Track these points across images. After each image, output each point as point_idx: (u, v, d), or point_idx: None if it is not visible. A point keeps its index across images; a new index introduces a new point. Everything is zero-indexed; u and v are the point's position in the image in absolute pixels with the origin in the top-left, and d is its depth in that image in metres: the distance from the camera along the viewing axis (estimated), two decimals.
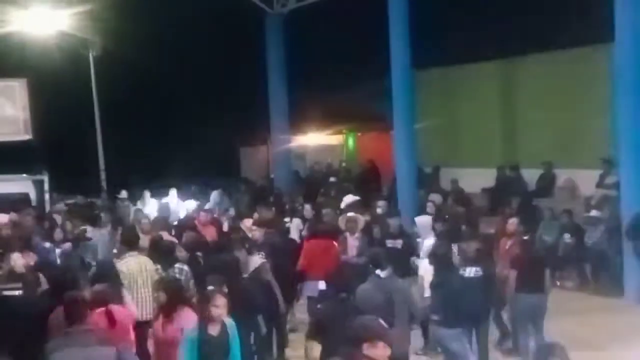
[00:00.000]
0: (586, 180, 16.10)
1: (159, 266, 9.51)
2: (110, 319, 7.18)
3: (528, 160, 17.87)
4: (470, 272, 8.90)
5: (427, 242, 11.01)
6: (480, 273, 8.91)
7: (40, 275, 8.90)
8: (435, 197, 16.30)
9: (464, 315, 8.27)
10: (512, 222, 10.82)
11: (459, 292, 8.30)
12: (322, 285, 11.17)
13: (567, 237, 14.15)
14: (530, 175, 17.74)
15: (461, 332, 8.31)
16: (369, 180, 20.88)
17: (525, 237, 10.70)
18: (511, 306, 9.76)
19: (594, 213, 14.05)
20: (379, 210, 13.68)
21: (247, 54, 23.18)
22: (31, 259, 10.67)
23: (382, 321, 5.28)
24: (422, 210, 14.89)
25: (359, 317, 5.35)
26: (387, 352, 4.94)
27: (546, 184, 17.39)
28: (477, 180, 18.35)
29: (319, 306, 8.99)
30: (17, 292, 8.48)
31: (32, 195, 18.63)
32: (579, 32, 15.86)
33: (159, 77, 24.25)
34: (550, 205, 15.53)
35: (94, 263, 11.17)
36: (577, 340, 9.29)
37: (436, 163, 20.08)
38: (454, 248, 9.52)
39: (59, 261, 11.78)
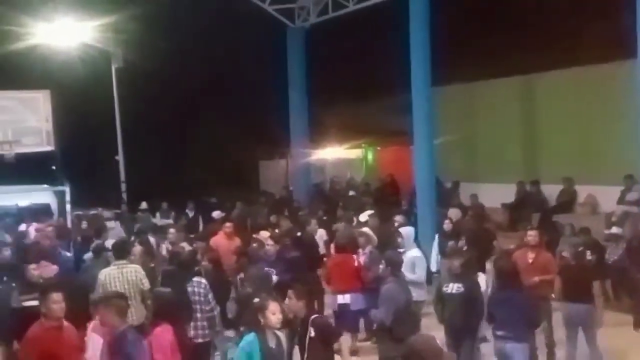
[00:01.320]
0: (607, 197, 16.01)
1: (143, 279, 9.82)
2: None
3: (549, 176, 17.81)
4: (453, 288, 8.95)
5: (410, 254, 11.23)
6: (462, 290, 8.92)
7: None
8: (454, 212, 16.30)
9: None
10: (534, 234, 10.77)
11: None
12: (341, 299, 11.22)
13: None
14: (551, 191, 17.67)
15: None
16: (388, 194, 20.89)
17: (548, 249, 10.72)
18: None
19: (614, 230, 13.92)
20: (396, 225, 13.66)
21: (268, 68, 23.29)
22: (51, 270, 10.82)
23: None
24: (440, 225, 14.95)
25: (420, 338, 5.06)
26: None
27: (567, 200, 17.31)
28: (497, 195, 18.29)
29: None
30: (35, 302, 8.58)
31: (54, 206, 18.80)
32: (601, 49, 15.83)
33: (180, 89, 24.45)
34: (570, 222, 15.45)
35: None
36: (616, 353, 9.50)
37: (456, 178, 20.04)
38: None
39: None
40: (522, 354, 8.45)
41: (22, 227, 15.65)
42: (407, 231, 12.17)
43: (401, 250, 11.23)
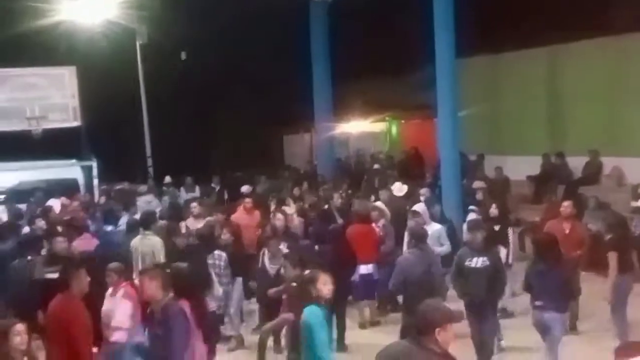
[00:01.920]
0: (633, 169, 15.89)
1: (158, 252, 10.18)
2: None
3: (574, 148, 17.69)
4: (477, 262, 8.92)
5: (433, 227, 11.31)
6: (488, 263, 8.90)
7: None
8: (479, 185, 16.26)
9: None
10: (567, 205, 10.77)
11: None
12: (364, 269, 11.29)
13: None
14: (576, 163, 17.57)
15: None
16: (412, 167, 20.85)
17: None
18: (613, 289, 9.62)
19: None
20: (421, 198, 13.68)
21: (292, 42, 23.24)
22: (90, 244, 11.02)
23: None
24: (466, 198, 14.98)
25: (426, 303, 5.16)
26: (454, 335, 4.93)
27: (592, 172, 17.21)
28: (522, 167, 18.22)
29: None
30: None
31: (81, 181, 19.02)
32: (629, 18, 15.62)
33: (204, 65, 24.49)
34: (596, 194, 15.36)
35: None
36: None
37: (480, 150, 19.96)
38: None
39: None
40: (560, 324, 8.50)
41: (50, 201, 15.87)
42: (421, 207, 12.16)
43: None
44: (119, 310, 7.83)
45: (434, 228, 11.33)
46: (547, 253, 8.61)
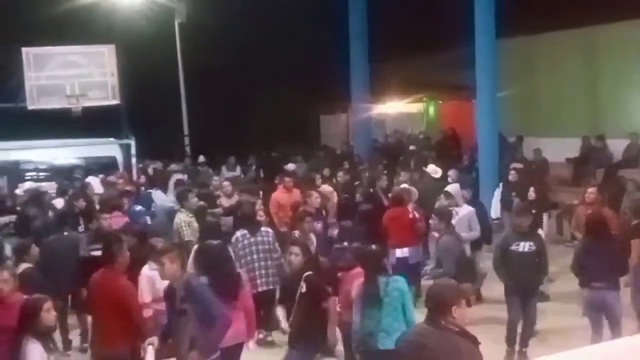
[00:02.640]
0: None
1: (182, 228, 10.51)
2: None
3: (615, 130, 17.43)
4: (525, 246, 8.81)
5: (463, 211, 11.14)
6: (534, 248, 8.82)
7: None
8: (518, 167, 16.13)
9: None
10: (592, 192, 10.80)
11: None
12: (399, 253, 11.25)
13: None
14: (617, 146, 17.32)
15: None
16: (449, 148, 20.70)
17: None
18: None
19: None
20: (449, 180, 13.58)
21: (329, 22, 23.17)
22: (121, 221, 11.17)
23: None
24: (503, 180, 14.87)
25: (436, 283, 5.33)
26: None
27: (633, 155, 16.95)
28: (561, 149, 18.01)
29: None
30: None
31: (119, 159, 19.22)
32: None
33: (241, 44, 24.54)
34: (635, 177, 15.13)
35: None
36: None
37: (519, 132, 19.74)
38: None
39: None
40: (619, 302, 8.47)
41: (89, 179, 16.08)
42: (454, 188, 12.00)
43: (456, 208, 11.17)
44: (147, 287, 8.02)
45: (464, 211, 11.12)
46: (601, 231, 8.55)
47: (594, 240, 8.56)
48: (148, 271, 7.92)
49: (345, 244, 9.12)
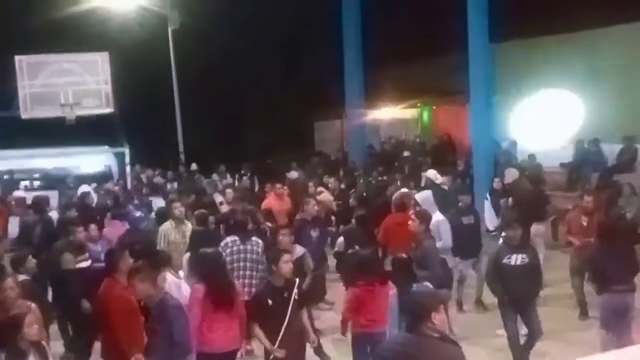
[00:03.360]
0: None
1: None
2: None
3: (608, 135, 17.43)
4: (517, 259, 8.52)
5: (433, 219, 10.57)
6: (527, 260, 8.54)
7: None
8: (511, 172, 16.10)
9: None
10: (591, 201, 10.65)
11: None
12: None
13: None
14: (611, 150, 17.32)
15: None
16: (444, 154, 20.69)
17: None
18: None
19: None
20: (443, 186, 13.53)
21: (323, 28, 23.18)
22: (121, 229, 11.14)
23: None
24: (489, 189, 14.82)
25: (415, 292, 5.43)
26: None
27: (627, 159, 16.95)
28: (555, 154, 18.00)
29: None
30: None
31: (114, 167, 19.19)
32: None
33: (235, 51, 24.53)
34: (630, 181, 15.14)
35: None
36: None
37: (513, 137, 19.73)
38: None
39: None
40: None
41: (83, 187, 16.03)
42: (423, 196, 11.92)
43: None
44: None
45: (433, 220, 10.39)
46: (614, 235, 8.54)
47: (609, 244, 8.49)
48: (171, 277, 7.94)
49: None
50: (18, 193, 15.74)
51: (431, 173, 14.03)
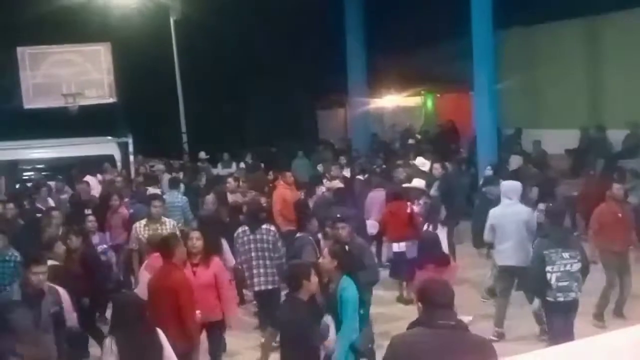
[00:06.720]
0: None
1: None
2: None
3: (613, 121, 17.33)
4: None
5: None
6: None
7: None
8: (516, 159, 16.07)
9: None
10: (620, 187, 10.22)
11: None
12: (396, 247, 11.19)
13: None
14: (616, 136, 17.23)
15: None
16: (448, 141, 20.61)
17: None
18: None
19: None
20: (435, 172, 13.48)
21: (326, 16, 23.07)
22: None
23: None
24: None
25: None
26: None
27: (632, 145, 16.87)
28: (560, 141, 17.92)
29: None
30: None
31: (117, 157, 19.14)
32: None
33: (237, 40, 24.44)
34: (635, 167, 15.05)
35: None
36: None
37: (518, 124, 19.64)
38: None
39: None
40: None
41: (87, 178, 16.00)
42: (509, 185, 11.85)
43: None
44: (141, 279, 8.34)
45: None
46: None
47: None
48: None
49: None
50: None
51: (419, 161, 14.05)
